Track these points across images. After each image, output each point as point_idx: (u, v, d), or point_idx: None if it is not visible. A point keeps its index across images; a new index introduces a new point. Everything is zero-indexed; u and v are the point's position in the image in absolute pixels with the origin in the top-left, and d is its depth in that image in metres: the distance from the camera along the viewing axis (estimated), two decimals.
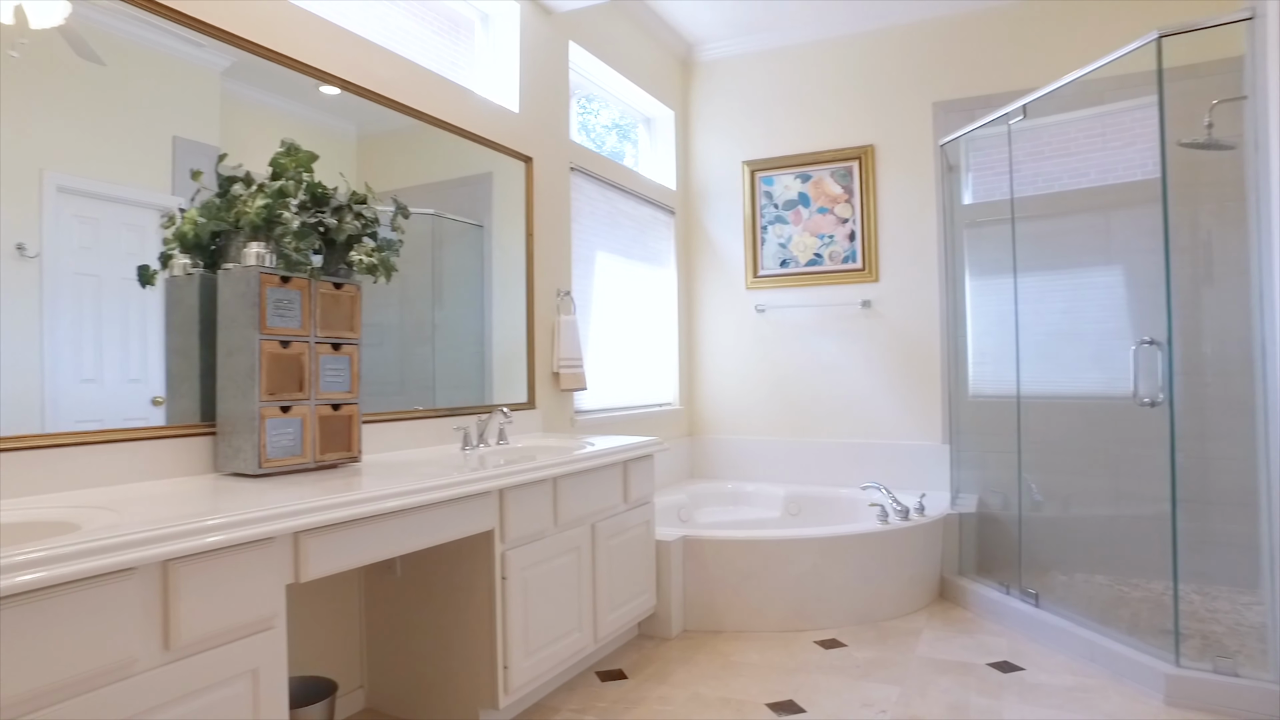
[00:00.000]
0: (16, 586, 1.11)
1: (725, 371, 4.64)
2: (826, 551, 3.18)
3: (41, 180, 1.71)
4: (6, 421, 1.63)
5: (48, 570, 1.14)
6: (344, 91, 2.44)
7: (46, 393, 1.70)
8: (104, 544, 1.22)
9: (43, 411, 1.69)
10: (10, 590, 1.10)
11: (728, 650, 2.96)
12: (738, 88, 4.64)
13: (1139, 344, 2.84)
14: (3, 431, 1.62)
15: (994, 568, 3.77)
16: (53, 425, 1.70)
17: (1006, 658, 2.84)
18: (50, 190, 1.73)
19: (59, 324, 1.73)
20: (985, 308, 4.00)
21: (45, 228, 1.71)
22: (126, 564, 1.24)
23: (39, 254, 1.70)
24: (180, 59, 1.98)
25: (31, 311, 1.69)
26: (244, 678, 1.48)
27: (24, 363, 1.67)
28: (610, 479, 2.76)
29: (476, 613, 2.24)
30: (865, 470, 4.23)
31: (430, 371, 2.77)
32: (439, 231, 2.81)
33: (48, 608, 1.17)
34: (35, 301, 1.69)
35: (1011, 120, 3.34)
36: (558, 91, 3.57)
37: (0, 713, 1.14)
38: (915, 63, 4.19)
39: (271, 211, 1.90)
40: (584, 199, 3.79)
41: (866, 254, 4.24)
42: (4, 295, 1.64)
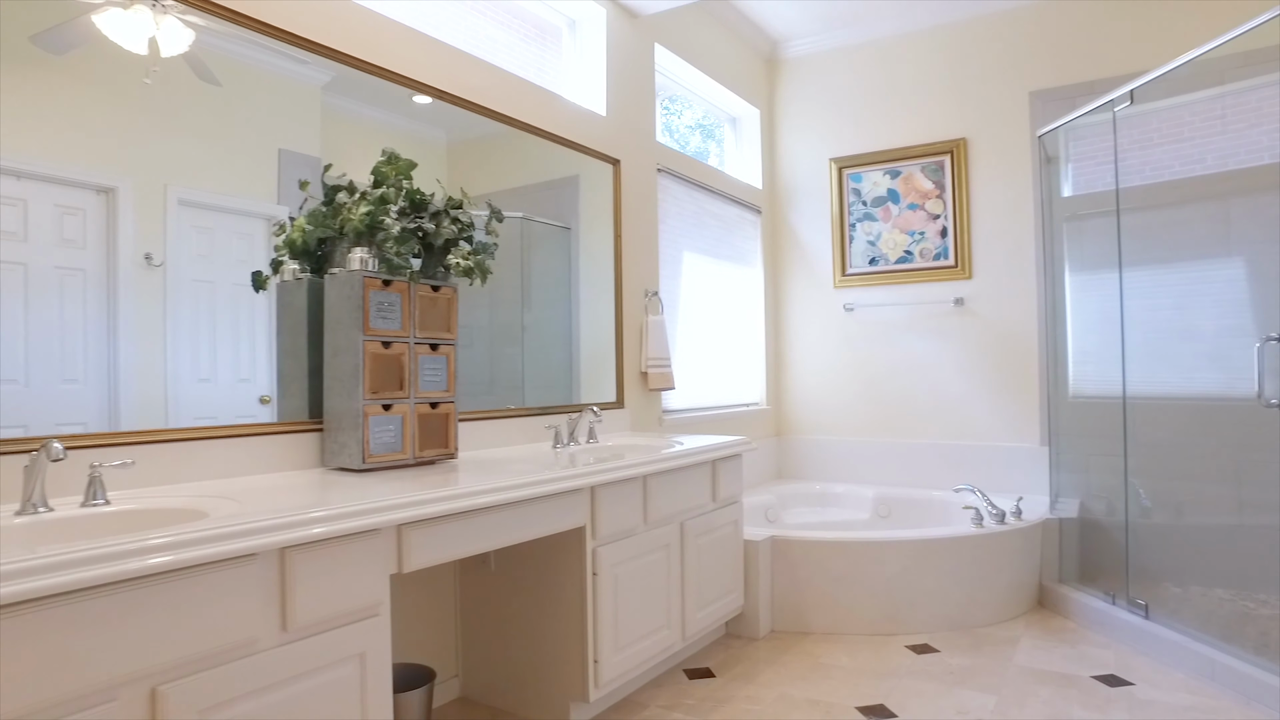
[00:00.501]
0: (156, 567, 1.20)
1: (813, 371, 4.58)
2: (919, 554, 3.10)
3: (166, 194, 1.85)
4: (138, 417, 1.77)
5: (184, 552, 1.24)
6: (436, 100, 2.53)
7: (169, 392, 1.83)
8: (231, 530, 1.31)
9: (166, 409, 1.82)
10: (152, 570, 1.20)
11: (816, 652, 2.93)
12: (824, 84, 4.58)
13: (1264, 341, 2.66)
14: (135, 426, 1.76)
15: (1098, 576, 3.60)
16: (174, 421, 1.84)
17: (1113, 671, 2.71)
18: (173, 203, 1.86)
19: (179, 328, 1.86)
20: (1087, 305, 3.82)
21: (169, 238, 1.85)
22: (251, 550, 1.33)
23: (163, 263, 1.84)
24: (285, 76, 2.10)
25: (156, 317, 1.82)
26: (352, 661, 1.56)
27: (151, 364, 1.80)
28: (699, 478, 2.77)
29: (568, 607, 2.29)
30: (958, 472, 4.11)
31: (519, 371, 2.84)
32: (527, 234, 2.88)
33: (182, 588, 1.27)
34: (160, 307, 1.83)
35: (1117, 107, 3.19)
36: (644, 94, 3.61)
37: (150, 679, 1.24)
38: (1010, 51, 4.04)
39: (374, 218, 1.99)
40: (670, 200, 3.81)
41: (959, 250, 4.11)
42: (134, 302, 1.78)
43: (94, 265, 1.72)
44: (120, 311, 1.76)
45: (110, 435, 1.71)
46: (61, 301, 1.66)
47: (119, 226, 1.76)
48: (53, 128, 1.65)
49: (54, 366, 1.64)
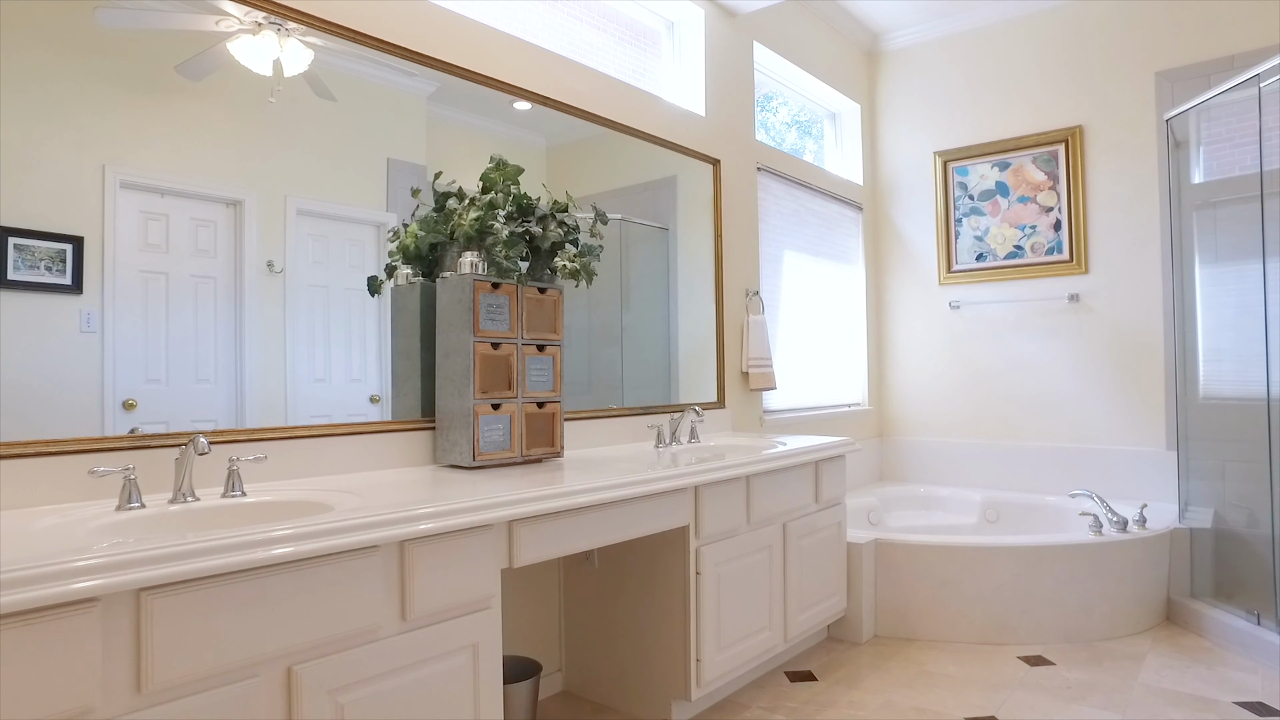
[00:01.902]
0: (291, 555, 1.28)
1: (916, 371, 4.45)
2: (1031, 561, 2.97)
3: (286, 205, 1.96)
4: (260, 415, 1.89)
5: (314, 543, 1.32)
6: (535, 105, 2.59)
7: (288, 391, 1.95)
8: (357, 523, 1.39)
9: (285, 407, 1.94)
10: (288, 558, 1.28)
11: (922, 659, 2.84)
12: (926, 75, 4.44)
13: None
14: (258, 423, 1.88)
15: (1237, 592, 3.35)
16: (293, 419, 1.95)
17: (1262, 699, 2.52)
18: (292, 213, 1.98)
19: (297, 330, 1.98)
20: (1221, 299, 3.56)
21: (288, 246, 1.96)
22: (374, 541, 1.40)
23: (283, 270, 1.95)
24: (393, 88, 2.20)
25: (277, 320, 1.94)
26: (465, 651, 1.62)
27: (272, 365, 1.92)
28: (802, 479, 2.74)
29: (670, 605, 2.30)
30: (1072, 477, 3.91)
31: (618, 372, 2.88)
32: (625, 235, 2.91)
33: (313, 576, 1.35)
34: (280, 311, 1.94)
35: (1264, 82, 2.95)
36: (743, 93, 3.59)
37: (286, 659, 1.33)
38: (1131, 29, 3.81)
39: (483, 223, 2.06)
40: (770, 198, 3.78)
41: (1074, 244, 3.91)
42: (258, 307, 1.90)
43: (223, 273, 1.84)
44: (246, 316, 1.88)
45: (245, 431, 1.83)
46: (196, 307, 1.79)
47: (245, 236, 1.88)
48: (190, 147, 1.78)
49: (189, 367, 1.77)
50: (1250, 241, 3.36)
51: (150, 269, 1.72)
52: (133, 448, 1.65)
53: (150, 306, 1.72)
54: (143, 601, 1.17)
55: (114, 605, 1.15)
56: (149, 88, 1.71)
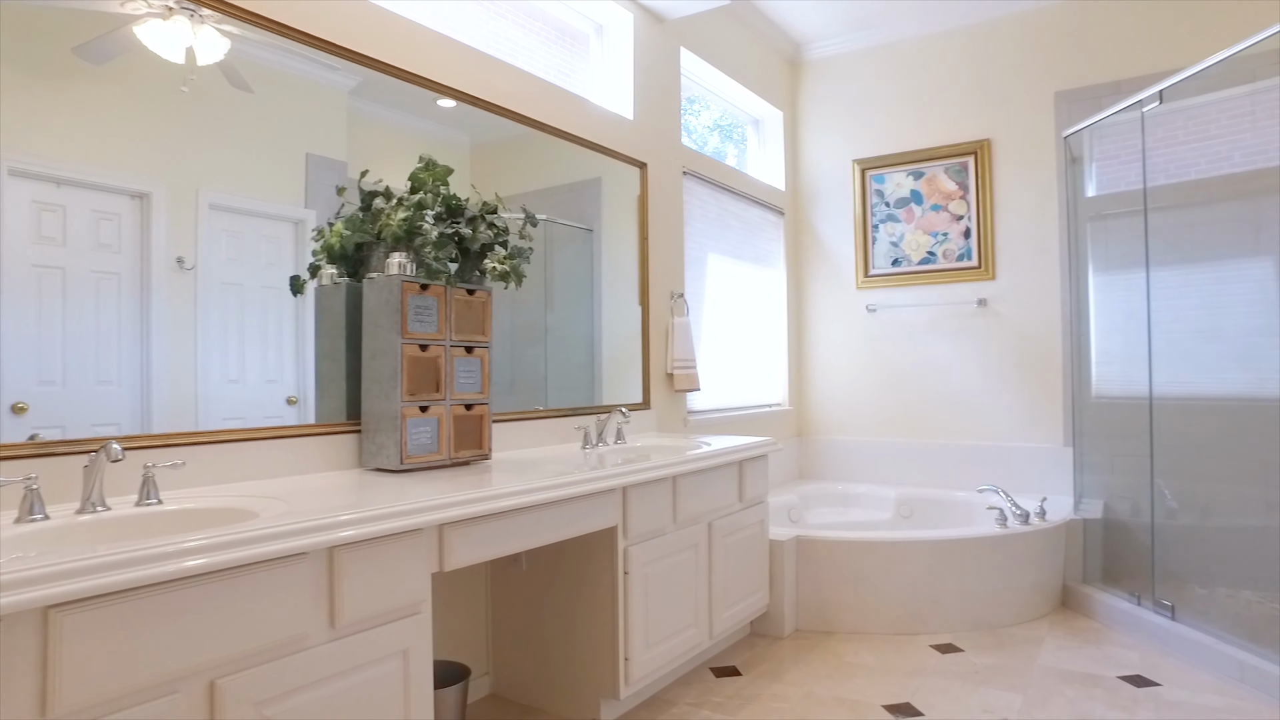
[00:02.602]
0: (216, 564, 1.25)
1: (835, 372, 4.60)
2: (942, 554, 3.12)
3: (198, 199, 1.89)
4: (169, 418, 1.81)
5: (240, 551, 1.28)
6: (460, 104, 2.57)
7: (199, 393, 1.88)
8: (282, 530, 1.36)
9: (196, 410, 1.86)
10: (212, 567, 1.24)
11: (841, 651, 2.95)
12: (847, 85, 4.59)
13: None
14: (167, 427, 1.81)
15: (1122, 577, 3.60)
16: (204, 423, 1.87)
17: (1139, 671, 2.72)
18: (204, 208, 1.91)
19: (209, 330, 1.90)
20: (1111, 305, 3.81)
21: (200, 242, 1.89)
22: (303, 548, 1.38)
23: (194, 266, 1.88)
24: (313, 81, 2.14)
25: (187, 319, 1.86)
26: (396, 657, 1.61)
27: (182, 366, 1.85)
28: (726, 478, 2.80)
29: (598, 606, 2.32)
30: (981, 473, 4.11)
31: (542, 373, 2.87)
32: (550, 236, 2.91)
33: (237, 585, 1.32)
34: (190, 310, 1.87)
35: (1146, 107, 3.18)
36: (670, 97, 3.64)
37: (209, 673, 1.29)
38: (1035, 51, 4.04)
39: (412, 223, 2.03)
40: (695, 202, 3.84)
41: (983, 251, 4.11)
42: (166, 305, 1.83)
43: (128, 269, 1.76)
44: (153, 314, 1.80)
45: (158, 437, 1.76)
46: (97, 305, 1.71)
47: (152, 231, 1.80)
48: (90, 135, 1.70)
49: (89, 368, 1.69)
50: (1135, 252, 3.61)
51: (45, 263, 1.63)
52: (34, 455, 1.56)
53: (45, 303, 1.63)
54: (51, 619, 1.12)
55: (17, 624, 1.10)
56: (43, 69, 1.62)
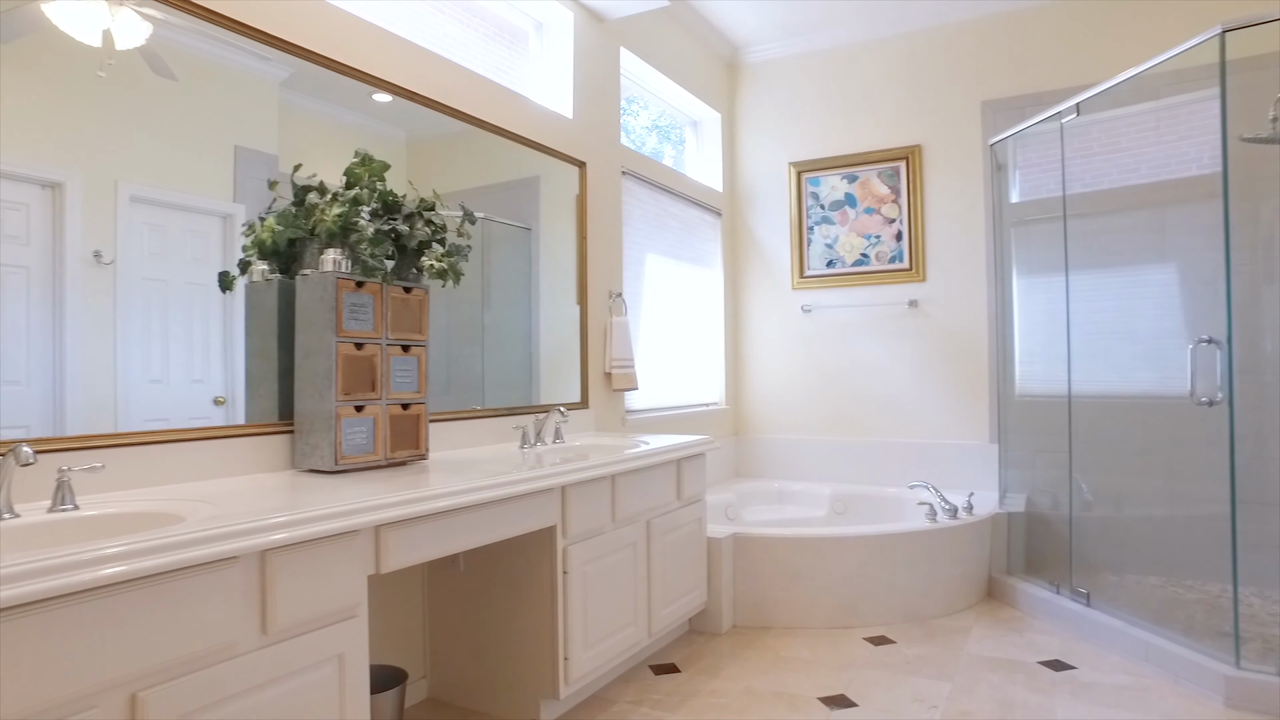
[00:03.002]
0: (137, 571, 1.20)
1: (771, 371, 4.68)
2: (875, 549, 3.20)
3: (117, 190, 1.81)
4: (86, 420, 1.73)
5: (165, 557, 1.24)
6: (396, 98, 2.52)
7: (119, 393, 1.80)
8: (212, 534, 1.31)
9: (115, 411, 1.78)
10: (134, 574, 1.19)
11: (778, 646, 3.00)
12: (784, 89, 4.67)
13: (1196, 342, 2.82)
14: (84, 429, 1.73)
15: (1043, 567, 3.76)
16: (124, 424, 1.79)
17: (1058, 656, 2.84)
18: (124, 200, 1.83)
19: (130, 328, 1.83)
20: (1033, 306, 3.98)
21: (119, 236, 1.81)
22: (233, 553, 1.34)
23: (113, 261, 1.80)
24: (242, 71, 2.08)
25: (106, 316, 1.78)
26: (331, 662, 1.57)
27: (99, 365, 1.77)
28: (665, 477, 2.82)
29: (538, 606, 2.32)
30: (912, 469, 4.24)
31: (479, 372, 2.84)
32: (487, 234, 2.87)
33: (161, 592, 1.27)
34: (109, 306, 1.79)
35: (1064, 118, 3.33)
36: (609, 97, 3.64)
37: (129, 685, 1.24)
38: (963, 61, 4.18)
39: (347, 219, 1.99)
40: (634, 201, 3.85)
41: (913, 254, 4.24)
42: (82, 301, 1.75)
43: (38, 263, 1.67)
44: (67, 310, 1.71)
45: (74, 439, 1.68)
46: (3, 300, 1.62)
47: (66, 223, 1.72)
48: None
49: None
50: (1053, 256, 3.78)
51: None
52: None
53: None
54: None
55: None
56: None
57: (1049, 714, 2.39)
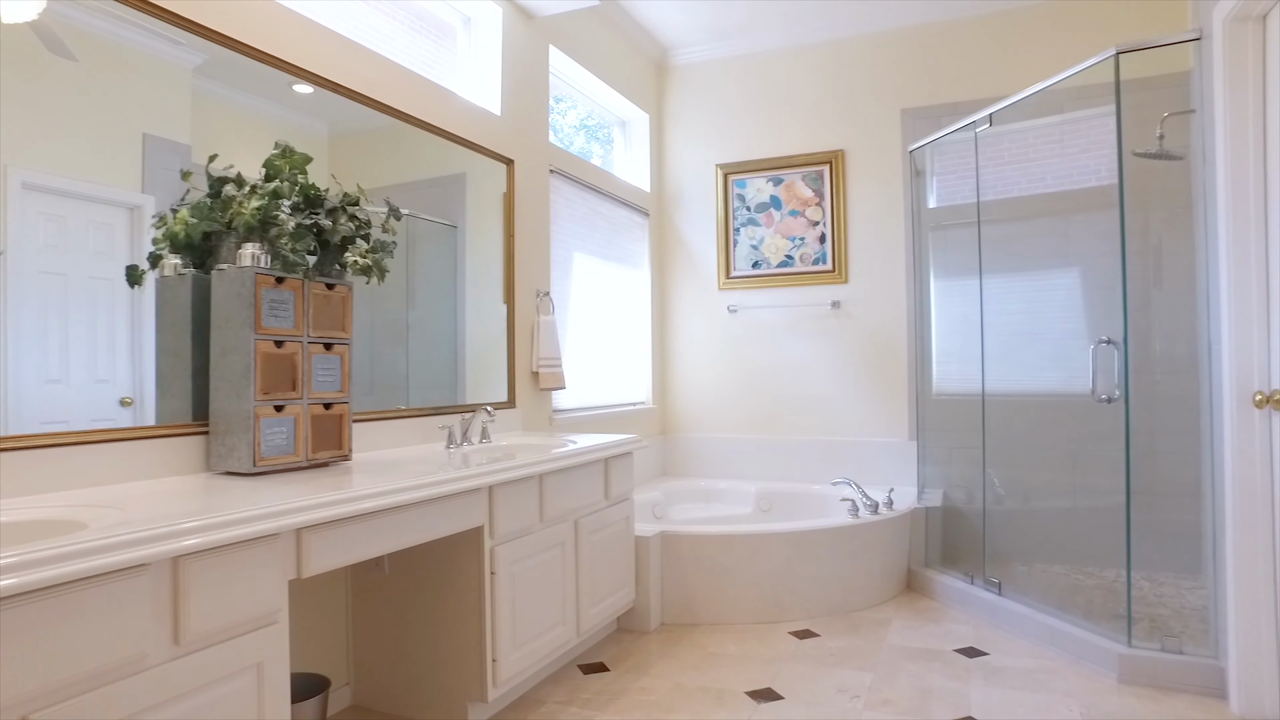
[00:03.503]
0: (34, 583, 1.13)
1: (697, 370, 4.73)
2: (800, 545, 3.27)
3: (6, 177, 1.70)
4: None
5: (66, 566, 1.17)
6: (318, 89, 2.45)
7: (10, 394, 1.68)
8: (118, 540, 1.25)
9: (6, 412, 1.66)
10: (28, 586, 1.12)
11: (705, 642, 3.04)
12: (711, 92, 4.73)
13: (1097, 343, 2.98)
14: None
15: (958, 559, 3.91)
16: (17, 427, 1.67)
17: (972, 644, 2.97)
18: (15, 187, 1.72)
19: (23, 324, 1.71)
20: (949, 308, 4.14)
21: (10, 226, 1.70)
22: (140, 560, 1.27)
23: (4, 252, 1.69)
24: (151, 55, 1.98)
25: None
26: (249, 672, 1.51)
27: None
28: (593, 476, 2.82)
29: (465, 607, 2.28)
30: (835, 466, 4.35)
31: (404, 371, 2.79)
32: (413, 232, 2.82)
33: (61, 604, 1.20)
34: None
35: (979, 128, 3.47)
36: (538, 94, 3.62)
37: (21, 708, 1.16)
38: (885, 70, 4.32)
39: (266, 213, 1.92)
40: (562, 200, 3.83)
41: (836, 256, 4.35)
42: None
43: None
44: None
45: None
46: None
47: None
48: None
49: None
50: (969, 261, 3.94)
51: None
52: None
53: None
54: None
55: None
56: None
57: (964, 699, 2.49)
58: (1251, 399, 2.30)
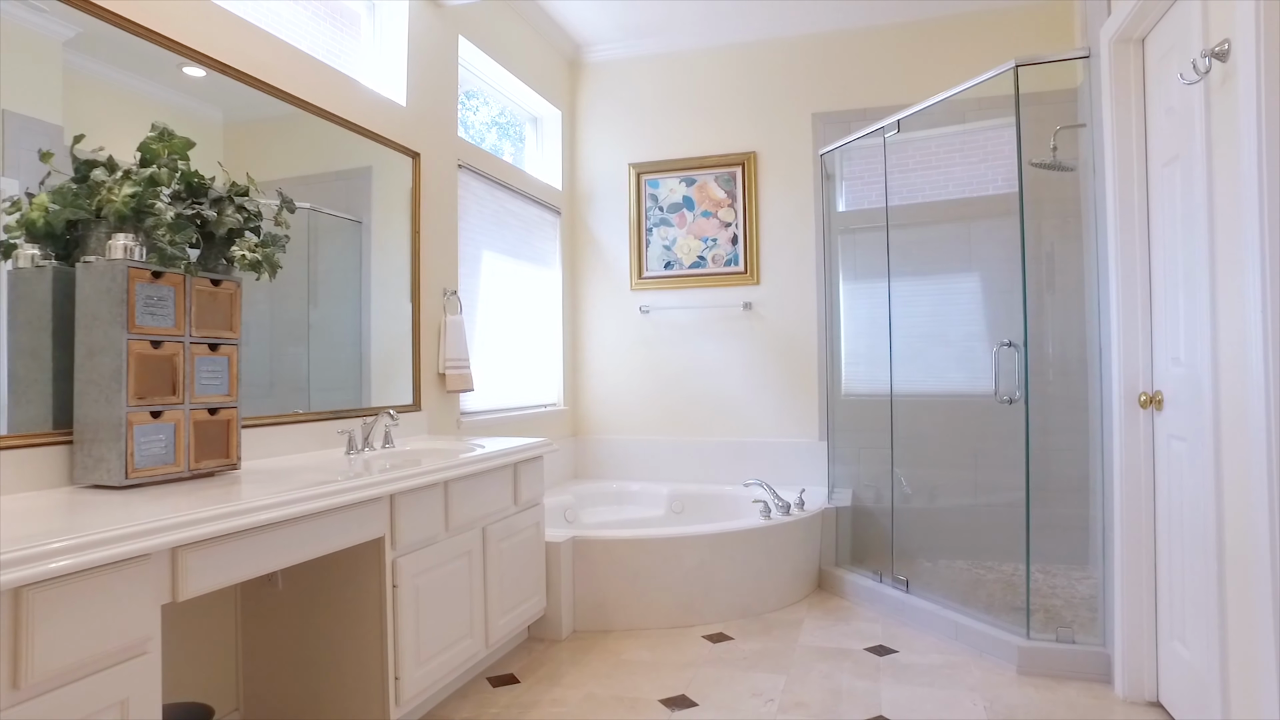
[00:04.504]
0: None
1: (609, 372, 4.67)
2: (713, 548, 3.26)
3: None
4: None
5: None
6: (211, 73, 2.27)
7: None
8: None
9: None
10: None
11: (618, 649, 2.98)
12: (625, 90, 4.68)
13: (999, 346, 3.08)
14: None
15: (867, 557, 3.99)
16: None
17: (881, 642, 3.01)
18: None
19: None
20: (857, 310, 4.22)
21: None
22: None
23: None
24: (12, 23, 1.79)
25: None
26: (112, 710, 1.36)
27: None
28: (501, 481, 2.72)
29: (365, 623, 2.16)
30: (747, 467, 4.37)
31: (304, 373, 2.64)
32: (314, 227, 2.68)
33: None
34: None
35: (887, 134, 3.54)
36: (446, 86, 3.49)
37: None
38: (797, 75, 4.37)
39: (142, 201, 1.75)
40: (471, 197, 3.71)
41: (748, 257, 4.37)
42: None
43: None
44: None
45: None
46: None
47: None
48: None
49: None
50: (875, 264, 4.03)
51: None
52: None
53: None
54: None
55: None
56: None
57: (875, 698, 2.52)
58: (1137, 399, 2.41)
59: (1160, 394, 2.31)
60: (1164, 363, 2.30)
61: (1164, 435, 2.30)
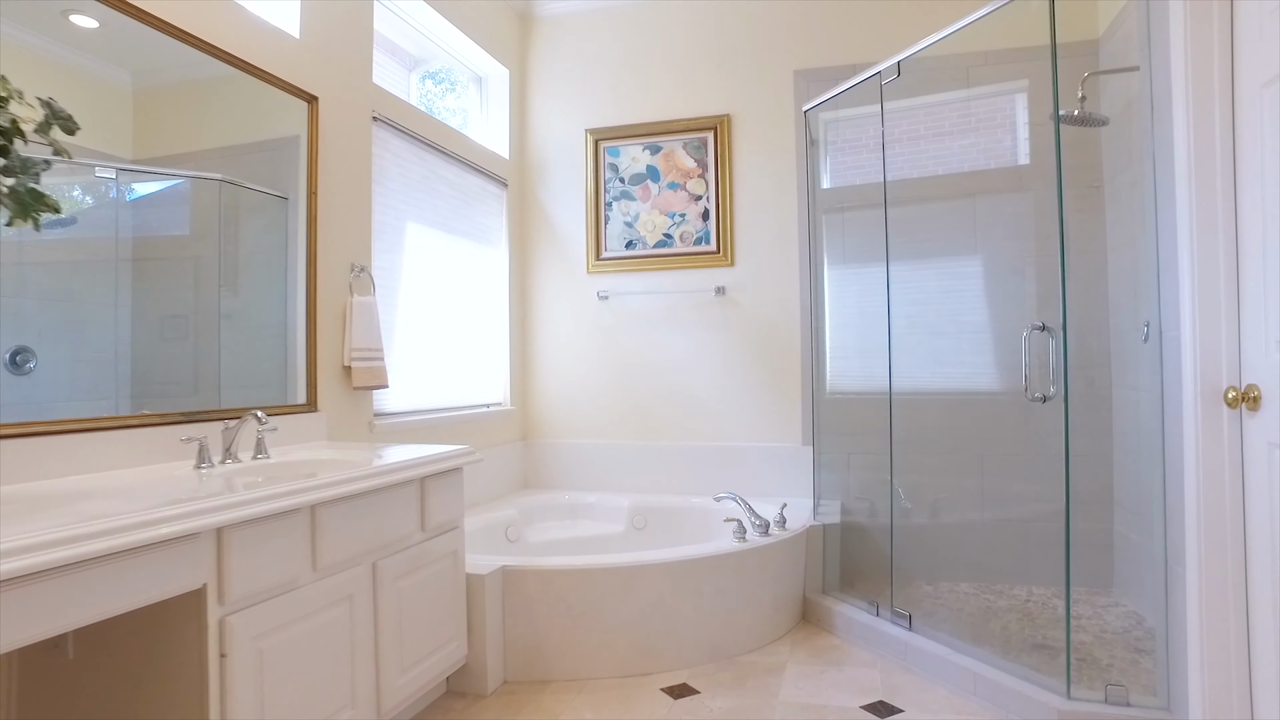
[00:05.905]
0: None
1: (564, 367, 4.08)
2: (675, 577, 2.68)
3: None
4: None
5: None
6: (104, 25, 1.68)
7: None
8: None
9: None
10: None
11: (556, 707, 2.40)
12: (582, 48, 4.10)
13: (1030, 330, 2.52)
14: None
15: (860, 582, 3.43)
16: None
17: (882, 697, 2.44)
18: None
19: None
20: (845, 299, 3.66)
21: None
22: None
23: None
24: None
25: None
26: None
27: None
28: (401, 502, 2.12)
29: (182, 704, 1.55)
30: (719, 475, 3.79)
31: (215, 368, 2.22)
32: (233, 203, 2.29)
33: None
34: None
35: (885, 80, 2.97)
36: (357, 20, 2.88)
37: None
38: (776, 28, 3.80)
39: None
40: (391, 156, 3.11)
41: (721, 235, 3.80)
42: None
43: None
44: None
45: None
46: None
47: None
48: None
49: None
50: (865, 245, 3.48)
51: None
52: None
53: None
54: None
55: None
56: None
57: None
58: (1223, 396, 1.85)
59: (1256, 389, 1.75)
60: (1259, 349, 1.75)
61: (1261, 442, 1.75)
